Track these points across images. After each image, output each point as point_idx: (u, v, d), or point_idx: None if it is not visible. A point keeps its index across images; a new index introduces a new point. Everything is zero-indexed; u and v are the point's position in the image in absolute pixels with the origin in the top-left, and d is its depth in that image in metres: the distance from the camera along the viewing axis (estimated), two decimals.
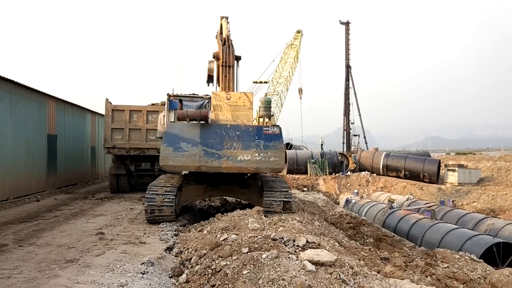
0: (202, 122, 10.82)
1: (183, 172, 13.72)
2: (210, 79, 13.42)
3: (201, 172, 11.53)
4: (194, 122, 10.90)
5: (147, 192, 10.93)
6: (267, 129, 10.77)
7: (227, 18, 13.78)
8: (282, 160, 10.53)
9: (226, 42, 12.65)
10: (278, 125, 11.01)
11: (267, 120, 12.45)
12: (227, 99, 11.46)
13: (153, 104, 19.52)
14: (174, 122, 11.62)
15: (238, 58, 12.94)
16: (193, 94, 13.11)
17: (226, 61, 12.40)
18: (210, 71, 13.16)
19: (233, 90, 12.38)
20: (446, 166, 31.57)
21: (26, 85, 16.92)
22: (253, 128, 10.89)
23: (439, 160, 33.34)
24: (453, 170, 29.68)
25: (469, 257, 11.11)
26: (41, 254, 7.69)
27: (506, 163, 32.34)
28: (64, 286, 5.87)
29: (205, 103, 12.71)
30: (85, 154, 25.28)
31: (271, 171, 10.85)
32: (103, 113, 19.34)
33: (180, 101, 12.20)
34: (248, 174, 12.73)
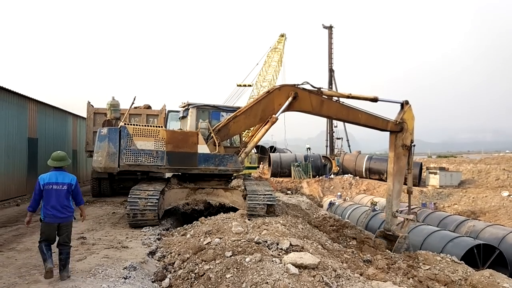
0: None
1: (166, 176, 13.65)
2: None
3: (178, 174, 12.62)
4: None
5: (129, 196, 10.85)
6: (101, 131, 11.49)
7: None
8: (104, 158, 10.97)
9: None
10: (115, 128, 11.54)
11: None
12: None
13: (136, 107, 19.35)
14: None
15: None
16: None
17: None
18: None
19: None
20: (427, 169, 31.90)
21: (6, 87, 16.63)
22: (99, 131, 11.55)
23: (421, 163, 33.70)
24: (435, 173, 30.04)
25: (450, 259, 11.23)
26: (21, 259, 7.55)
27: (486, 165, 32.89)
28: None
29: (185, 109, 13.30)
30: None
31: (98, 169, 11.42)
32: (85, 116, 19.11)
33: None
34: (234, 175, 12.77)
